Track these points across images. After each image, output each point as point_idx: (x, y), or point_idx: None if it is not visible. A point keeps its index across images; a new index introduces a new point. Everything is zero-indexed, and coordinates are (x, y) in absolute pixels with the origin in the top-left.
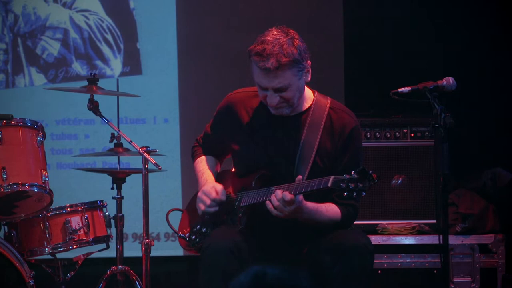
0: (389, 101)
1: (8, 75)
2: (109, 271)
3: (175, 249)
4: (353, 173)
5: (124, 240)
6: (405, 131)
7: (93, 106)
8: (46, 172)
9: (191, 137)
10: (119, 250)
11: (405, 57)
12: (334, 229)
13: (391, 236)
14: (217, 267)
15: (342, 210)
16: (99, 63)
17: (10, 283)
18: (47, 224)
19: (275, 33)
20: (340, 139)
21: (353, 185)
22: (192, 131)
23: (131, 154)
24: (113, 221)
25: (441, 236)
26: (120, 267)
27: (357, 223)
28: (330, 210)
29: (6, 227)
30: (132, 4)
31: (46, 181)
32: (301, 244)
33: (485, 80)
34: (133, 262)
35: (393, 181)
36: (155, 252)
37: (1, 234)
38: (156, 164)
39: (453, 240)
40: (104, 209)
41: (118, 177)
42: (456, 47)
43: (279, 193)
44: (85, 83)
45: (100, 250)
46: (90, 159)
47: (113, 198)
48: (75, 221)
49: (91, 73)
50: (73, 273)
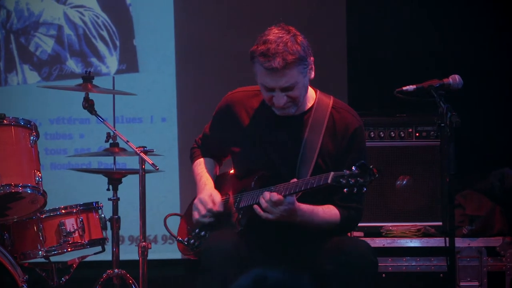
0: (393, 100)
1: (0, 73)
2: (104, 275)
3: (173, 252)
4: (353, 168)
5: (120, 242)
6: (410, 130)
7: (88, 105)
8: (40, 173)
9: (189, 136)
10: (115, 253)
11: (409, 56)
12: (334, 233)
13: (395, 238)
14: (216, 270)
15: (342, 212)
16: (94, 60)
17: (2, 287)
18: (40, 226)
19: (276, 31)
20: (343, 140)
21: (353, 180)
22: (191, 131)
23: (127, 154)
24: (109, 223)
25: (447, 238)
26: (116, 270)
27: (361, 225)
28: (328, 212)
29: None
30: None
31: (40, 182)
32: (302, 247)
33: (492, 79)
34: (130, 265)
35: (398, 182)
36: (152, 255)
37: None
38: (153, 164)
39: (459, 243)
40: (100, 211)
41: (114, 178)
42: (461, 46)
43: (266, 194)
44: (80, 81)
45: (95, 253)
46: (85, 159)
47: (109, 199)
48: (70, 223)
49: (86, 71)
50: (67, 277)
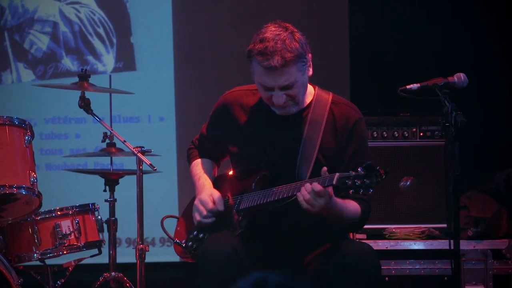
0: (397, 98)
1: None
2: (101, 278)
3: (171, 254)
4: (359, 169)
5: (117, 245)
6: (414, 130)
7: (85, 104)
8: (35, 174)
9: (187, 136)
10: (112, 256)
11: (412, 55)
12: (352, 227)
13: (399, 241)
14: (215, 274)
15: (362, 207)
16: (90, 58)
17: None
18: (35, 228)
19: (273, 29)
20: (344, 133)
21: (359, 182)
22: (189, 130)
23: (124, 154)
24: (105, 225)
25: (452, 241)
26: (113, 273)
27: (363, 227)
28: (351, 206)
29: None
30: None
31: (35, 183)
32: (303, 249)
33: (497, 78)
34: (127, 268)
35: (402, 183)
36: (150, 258)
37: None
38: (151, 165)
39: (464, 245)
40: (96, 213)
41: (111, 179)
42: (467, 45)
43: (308, 185)
44: (76, 79)
45: (92, 256)
46: (81, 159)
47: (106, 201)
48: (66, 225)
49: (82, 69)
50: (63, 280)
